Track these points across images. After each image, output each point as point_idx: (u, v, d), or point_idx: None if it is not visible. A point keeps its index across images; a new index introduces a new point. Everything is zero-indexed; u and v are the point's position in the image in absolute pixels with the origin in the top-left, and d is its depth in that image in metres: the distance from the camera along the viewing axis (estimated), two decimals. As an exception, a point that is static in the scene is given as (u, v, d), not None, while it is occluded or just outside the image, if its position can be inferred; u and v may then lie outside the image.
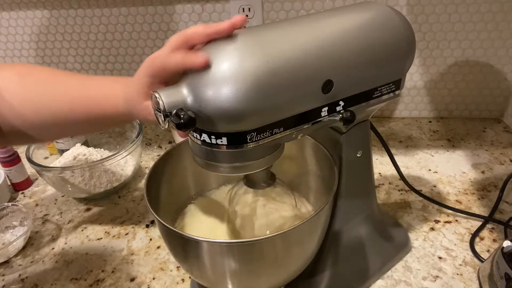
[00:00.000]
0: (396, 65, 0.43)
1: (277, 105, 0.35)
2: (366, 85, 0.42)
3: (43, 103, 0.44)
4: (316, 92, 0.37)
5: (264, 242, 0.39)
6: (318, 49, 0.37)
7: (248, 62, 0.33)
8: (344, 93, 0.40)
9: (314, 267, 0.51)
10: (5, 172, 0.77)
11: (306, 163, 0.53)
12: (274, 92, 0.34)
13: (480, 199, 0.68)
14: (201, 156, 0.38)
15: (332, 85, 0.38)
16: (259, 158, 0.38)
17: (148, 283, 0.57)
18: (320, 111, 0.39)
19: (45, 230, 0.69)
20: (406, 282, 0.54)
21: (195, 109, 0.34)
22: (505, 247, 0.48)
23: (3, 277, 0.60)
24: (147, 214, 0.70)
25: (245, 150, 0.36)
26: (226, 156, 0.36)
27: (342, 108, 0.40)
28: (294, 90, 0.36)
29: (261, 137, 0.36)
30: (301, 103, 0.37)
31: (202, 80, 0.33)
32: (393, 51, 0.42)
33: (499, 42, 0.83)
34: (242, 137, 0.35)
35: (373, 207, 0.55)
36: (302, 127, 0.39)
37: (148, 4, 0.89)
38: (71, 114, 0.44)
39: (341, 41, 0.38)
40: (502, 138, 0.85)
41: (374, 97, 0.43)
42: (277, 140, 0.38)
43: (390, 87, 0.44)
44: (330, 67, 0.37)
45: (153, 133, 0.97)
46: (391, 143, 0.86)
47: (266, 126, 0.36)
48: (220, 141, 0.35)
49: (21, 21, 0.96)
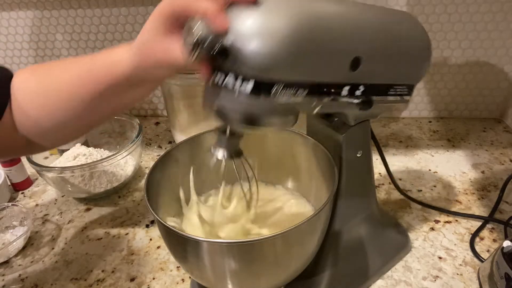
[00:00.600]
0: (415, 67, 0.46)
1: (308, 63, 0.35)
2: (387, 78, 0.43)
3: (54, 87, 0.44)
4: (344, 65, 0.38)
5: (264, 242, 0.39)
6: (356, 25, 0.38)
7: (294, 11, 0.33)
8: (367, 77, 0.41)
9: (314, 267, 0.51)
10: (5, 172, 0.77)
11: (306, 163, 0.53)
12: (311, 49, 0.34)
13: (480, 199, 0.68)
14: (216, 102, 0.37)
15: (360, 64, 0.39)
16: (275, 116, 0.37)
17: (148, 283, 0.57)
18: (342, 88, 0.39)
19: (45, 230, 0.69)
20: (406, 282, 0.54)
21: (228, 45, 0.33)
22: (505, 247, 0.48)
23: (3, 277, 0.60)
24: (147, 214, 0.70)
25: (265, 102, 0.35)
26: (244, 104, 0.35)
27: (361, 94, 0.41)
28: (328, 55, 0.36)
29: (285, 92, 0.35)
30: (329, 71, 0.37)
31: (245, 18, 0.33)
32: (416, 52, 0.45)
33: (499, 42, 0.83)
34: (267, 87, 0.34)
35: (373, 207, 0.55)
36: (322, 99, 0.38)
37: (148, 4, 0.89)
38: (82, 91, 0.43)
39: (377, 26, 0.40)
40: (502, 138, 0.85)
41: (389, 94, 0.44)
42: (298, 103, 0.37)
43: (403, 89, 0.46)
44: (363, 45, 0.39)
45: (153, 133, 0.97)
46: (391, 143, 0.86)
47: (293, 83, 0.35)
48: (244, 86, 0.34)
49: (21, 21, 0.96)
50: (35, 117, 0.45)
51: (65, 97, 0.44)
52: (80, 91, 0.43)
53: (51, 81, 0.45)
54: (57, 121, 0.45)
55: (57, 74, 0.45)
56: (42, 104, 0.44)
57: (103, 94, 0.43)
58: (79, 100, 0.44)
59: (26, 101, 0.44)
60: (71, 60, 0.46)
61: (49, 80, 0.45)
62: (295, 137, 0.53)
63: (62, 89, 0.44)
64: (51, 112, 0.44)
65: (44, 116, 0.45)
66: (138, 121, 0.81)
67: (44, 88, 0.45)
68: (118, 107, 0.46)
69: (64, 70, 0.45)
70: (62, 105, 0.44)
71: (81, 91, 0.43)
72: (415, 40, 0.44)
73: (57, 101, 0.44)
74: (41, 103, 0.44)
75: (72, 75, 0.44)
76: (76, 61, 0.45)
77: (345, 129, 0.46)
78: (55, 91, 0.44)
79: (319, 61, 0.36)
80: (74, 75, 0.44)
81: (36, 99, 0.44)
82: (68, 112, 0.44)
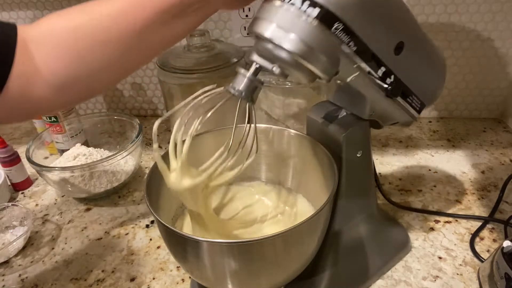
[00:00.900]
0: (434, 82, 0.49)
1: (371, 19, 0.37)
2: (413, 82, 0.45)
3: (93, 22, 0.38)
4: (391, 44, 0.40)
5: (264, 242, 0.39)
6: (407, 11, 0.41)
7: None
8: (400, 70, 0.42)
9: (314, 267, 0.51)
10: (5, 172, 0.77)
11: (306, 163, 0.53)
12: (378, 3, 0.37)
13: (480, 199, 0.68)
14: (274, 19, 0.36)
15: (402, 51, 0.41)
16: (322, 55, 0.36)
17: (148, 283, 0.57)
18: (380, 67, 0.41)
19: (45, 230, 0.69)
20: (406, 282, 0.54)
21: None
22: (505, 247, 0.48)
23: (3, 277, 0.60)
24: (147, 214, 0.70)
25: (322, 34, 0.35)
26: (302, 28, 0.35)
27: (390, 83, 0.42)
28: (387, 21, 0.39)
29: (342, 35, 0.36)
30: (380, 41, 0.39)
31: None
32: (439, 70, 0.49)
33: (499, 42, 0.83)
34: (330, 20, 0.35)
35: (373, 207, 0.55)
36: (362, 66, 0.39)
37: (148, 4, 0.89)
38: (125, 23, 0.38)
39: (418, 22, 0.43)
40: (502, 138, 0.85)
41: (407, 99, 0.46)
42: (345, 55, 0.37)
43: (417, 103, 0.48)
44: (409, 32, 0.42)
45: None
46: (391, 143, 0.86)
47: (351, 32, 0.36)
48: (311, 10, 0.34)
49: (21, 21, 0.96)
50: (67, 62, 0.38)
51: (104, 34, 0.38)
52: (123, 23, 0.38)
53: (87, 16, 0.38)
54: (102, 60, 0.39)
55: (91, 10, 0.39)
56: (74, 46, 0.38)
57: (150, 25, 0.38)
58: (122, 36, 0.38)
59: (55, 46, 0.38)
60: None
61: (83, 16, 0.39)
62: (295, 137, 0.53)
63: (101, 23, 0.38)
64: (90, 54, 0.38)
65: (79, 60, 0.39)
66: (138, 121, 0.81)
67: (78, 27, 0.38)
68: (164, 41, 0.42)
69: (99, 4, 0.39)
70: (102, 43, 0.38)
71: (124, 23, 0.38)
72: (439, 58, 0.48)
73: (95, 38, 0.38)
74: (73, 45, 0.38)
75: (113, 7, 0.38)
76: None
77: (345, 129, 0.46)
78: (91, 28, 0.38)
79: (378, 23, 0.38)
80: (115, 8, 0.38)
81: (66, 41, 0.38)
82: (109, 51, 0.39)
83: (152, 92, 1.03)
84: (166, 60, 0.79)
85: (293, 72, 0.39)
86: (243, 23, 0.88)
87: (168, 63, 0.78)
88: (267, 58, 0.39)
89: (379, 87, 0.42)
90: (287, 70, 0.39)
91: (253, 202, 0.57)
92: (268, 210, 0.55)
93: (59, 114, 0.82)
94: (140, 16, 0.38)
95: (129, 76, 1.00)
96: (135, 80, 1.01)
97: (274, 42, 0.36)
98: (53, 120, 0.82)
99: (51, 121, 0.82)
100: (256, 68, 0.39)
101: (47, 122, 0.83)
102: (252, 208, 0.56)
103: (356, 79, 0.41)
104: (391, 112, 0.48)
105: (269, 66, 0.39)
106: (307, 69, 0.38)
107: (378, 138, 0.87)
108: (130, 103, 1.05)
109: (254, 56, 0.39)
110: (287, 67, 0.38)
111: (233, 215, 0.55)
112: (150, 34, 0.39)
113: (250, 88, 0.40)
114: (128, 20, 0.38)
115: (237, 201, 0.57)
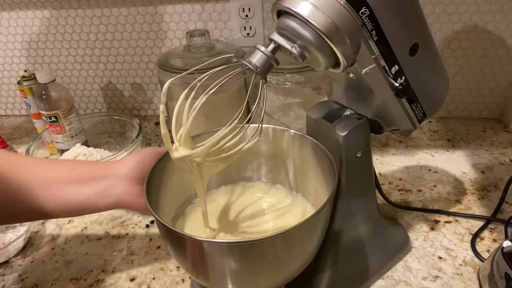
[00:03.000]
0: (438, 92, 0.50)
1: (396, 9, 0.39)
2: (420, 87, 0.46)
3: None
4: (407, 44, 0.42)
5: (264, 242, 0.39)
6: (422, 14, 0.42)
7: None
8: (410, 71, 0.44)
9: (314, 267, 0.51)
10: (5, 172, 0.77)
11: (306, 163, 0.53)
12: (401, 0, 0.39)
13: (480, 199, 0.68)
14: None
15: (416, 53, 0.42)
16: (346, 37, 0.37)
17: (148, 283, 0.57)
18: (394, 64, 0.42)
19: (45, 230, 0.69)
20: (406, 282, 0.54)
21: None
22: (505, 247, 0.48)
23: (3, 277, 0.60)
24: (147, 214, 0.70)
25: (349, 16, 0.36)
26: (331, 7, 0.36)
27: (400, 83, 0.44)
28: (410, 18, 0.40)
29: (367, 20, 0.37)
30: (399, 38, 0.40)
31: None
32: (444, 81, 0.51)
33: (499, 42, 0.83)
34: (360, 3, 0.36)
35: (373, 207, 0.55)
36: (378, 59, 0.40)
37: (148, 4, 0.89)
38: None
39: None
40: (502, 138, 0.85)
41: (412, 106, 0.47)
42: (365, 41, 0.38)
43: (420, 112, 0.49)
44: (424, 33, 0.43)
45: (153, 133, 0.97)
46: (391, 143, 0.86)
47: (375, 20, 0.37)
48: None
49: (21, 21, 0.96)
50: None
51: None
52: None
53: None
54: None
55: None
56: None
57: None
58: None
59: None
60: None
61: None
62: (296, 137, 0.53)
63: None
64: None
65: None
66: (138, 121, 0.81)
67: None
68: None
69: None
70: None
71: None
72: (444, 70, 0.50)
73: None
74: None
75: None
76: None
77: (345, 129, 0.46)
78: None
79: (399, 18, 0.39)
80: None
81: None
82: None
83: (152, 92, 1.03)
84: (166, 60, 0.79)
85: (313, 53, 0.39)
86: (243, 23, 0.88)
87: (168, 63, 0.78)
88: (288, 37, 0.39)
89: (390, 85, 0.43)
90: (307, 51, 0.39)
91: (253, 202, 0.57)
92: (268, 210, 0.55)
93: (59, 114, 0.82)
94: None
95: (129, 76, 1.01)
96: (135, 80, 1.01)
97: (303, 18, 0.36)
98: (53, 120, 0.82)
99: (51, 121, 0.82)
100: (275, 46, 0.39)
101: (47, 122, 0.83)
102: (252, 208, 0.56)
103: (370, 73, 0.41)
104: (395, 115, 0.48)
105: (288, 46, 0.39)
106: (329, 51, 0.38)
107: (378, 138, 0.87)
108: (130, 103, 1.05)
109: (274, 35, 0.39)
110: (310, 46, 0.38)
111: (233, 215, 0.55)
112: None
113: (266, 65, 0.40)
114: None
115: (237, 201, 0.57)
